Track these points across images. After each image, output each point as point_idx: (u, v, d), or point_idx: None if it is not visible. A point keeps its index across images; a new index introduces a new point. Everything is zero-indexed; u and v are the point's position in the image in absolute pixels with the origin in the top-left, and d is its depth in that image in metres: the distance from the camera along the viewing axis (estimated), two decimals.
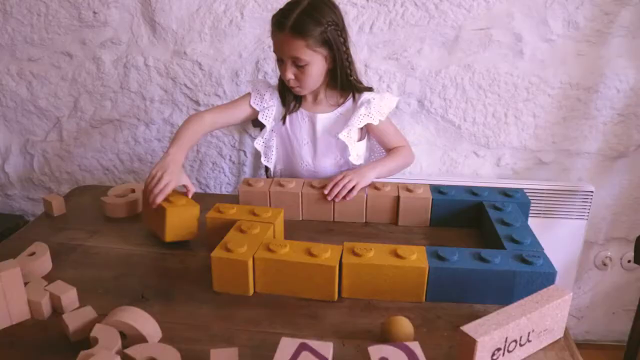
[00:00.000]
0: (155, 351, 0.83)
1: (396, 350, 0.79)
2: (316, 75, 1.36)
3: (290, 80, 1.35)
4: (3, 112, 2.04)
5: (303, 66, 1.32)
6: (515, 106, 1.83)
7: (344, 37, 1.35)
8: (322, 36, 1.30)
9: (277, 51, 1.35)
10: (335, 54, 1.34)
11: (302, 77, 1.34)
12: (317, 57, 1.33)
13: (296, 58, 1.31)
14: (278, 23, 1.30)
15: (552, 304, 0.88)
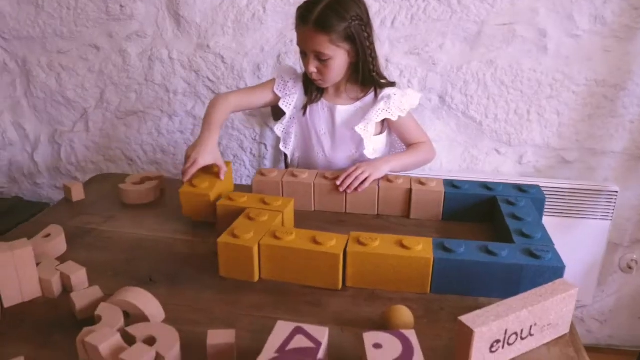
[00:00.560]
0: (155, 330, 0.85)
1: (391, 338, 0.78)
2: (338, 69, 1.36)
3: (312, 74, 1.36)
4: (34, 102, 2.10)
5: (326, 60, 1.33)
6: (539, 103, 1.80)
7: (368, 32, 1.34)
8: (346, 31, 1.30)
9: (300, 44, 1.36)
10: (358, 49, 1.34)
11: (324, 70, 1.35)
12: (340, 52, 1.33)
13: (319, 52, 1.31)
14: (302, 17, 1.31)
15: (557, 298, 0.86)
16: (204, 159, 1.27)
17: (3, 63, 2.06)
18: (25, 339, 0.90)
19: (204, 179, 1.28)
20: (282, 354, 0.75)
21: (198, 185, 1.26)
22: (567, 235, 1.84)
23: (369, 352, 0.75)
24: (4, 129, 2.14)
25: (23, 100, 2.11)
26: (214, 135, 1.31)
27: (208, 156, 1.28)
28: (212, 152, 1.29)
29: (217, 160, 1.30)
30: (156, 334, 0.84)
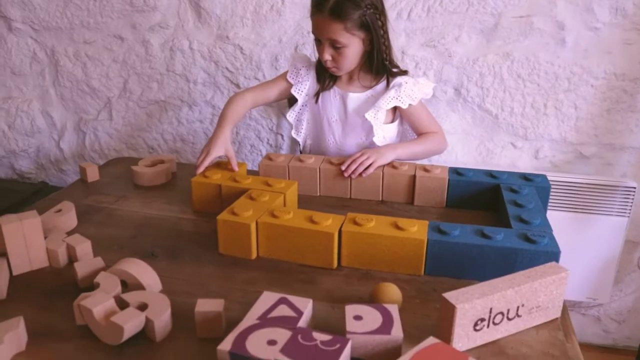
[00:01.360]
0: (148, 297, 0.88)
1: (372, 310, 0.79)
2: (353, 57, 1.37)
3: (327, 61, 1.38)
4: (61, 91, 2.17)
5: (340, 48, 1.34)
6: (556, 97, 1.77)
7: (382, 21, 1.36)
8: (361, 19, 1.31)
9: (315, 32, 1.38)
10: (372, 37, 1.35)
11: (338, 58, 1.36)
12: (355, 40, 1.34)
13: (334, 40, 1.33)
14: (317, 4, 1.33)
15: (545, 279, 0.86)
16: (216, 150, 1.32)
17: (33, 53, 2.14)
18: (28, 303, 0.94)
19: (216, 172, 1.30)
20: (263, 320, 0.77)
21: (210, 177, 1.28)
22: (583, 232, 1.81)
23: (349, 322, 0.77)
24: (32, 117, 2.22)
25: (51, 89, 2.18)
26: (226, 129, 1.36)
27: (220, 148, 1.33)
28: (223, 144, 1.34)
29: (228, 151, 1.35)
30: (149, 300, 0.87)
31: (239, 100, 1.45)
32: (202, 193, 1.26)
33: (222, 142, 1.34)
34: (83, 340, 0.85)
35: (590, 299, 1.90)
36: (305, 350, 0.70)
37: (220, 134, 1.35)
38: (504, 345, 0.85)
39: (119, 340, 0.81)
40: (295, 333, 0.73)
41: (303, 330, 0.74)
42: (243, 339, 0.72)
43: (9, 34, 2.12)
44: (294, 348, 0.70)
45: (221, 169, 1.33)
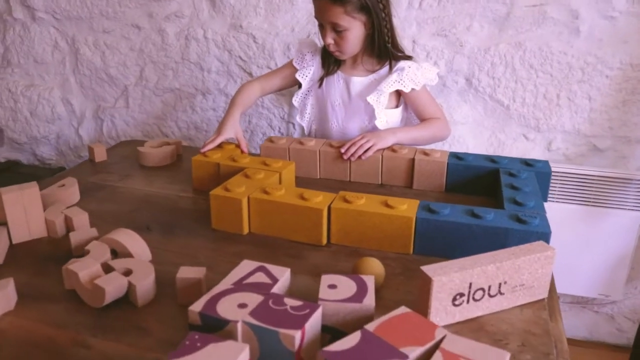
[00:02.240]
0: (134, 264, 0.90)
1: (348, 280, 0.79)
2: (355, 41, 1.38)
3: (330, 45, 1.39)
4: (80, 79, 2.23)
5: (342, 31, 1.35)
6: (569, 87, 1.74)
7: (383, 4, 1.36)
8: (361, 2, 1.31)
9: (317, 16, 1.39)
10: (374, 20, 1.35)
11: (341, 42, 1.37)
12: (356, 23, 1.35)
13: (335, 24, 1.34)
14: None
15: (530, 257, 0.85)
16: (226, 132, 1.36)
17: (55, 42, 2.20)
18: (22, 268, 0.97)
19: (217, 152, 1.33)
20: (237, 285, 0.78)
21: (210, 156, 1.30)
22: (596, 226, 1.77)
23: (322, 290, 0.77)
24: (53, 104, 2.28)
25: (71, 77, 2.24)
26: (236, 113, 1.40)
27: (229, 130, 1.37)
28: (233, 127, 1.38)
29: (238, 133, 1.38)
30: (134, 267, 0.89)
31: (248, 88, 1.49)
32: (202, 172, 1.28)
33: (231, 124, 1.38)
34: (69, 303, 0.87)
35: (602, 296, 1.86)
36: (274, 313, 0.70)
37: (230, 117, 1.39)
38: (485, 322, 0.84)
39: (102, 303, 0.83)
40: (267, 298, 0.74)
41: (275, 295, 0.74)
42: (215, 302, 0.73)
43: (32, 23, 2.19)
44: (263, 311, 0.71)
45: (224, 150, 1.35)
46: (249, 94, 1.48)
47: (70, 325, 0.82)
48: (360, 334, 0.67)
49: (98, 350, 0.77)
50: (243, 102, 1.45)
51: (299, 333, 0.67)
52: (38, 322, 0.83)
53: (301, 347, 0.68)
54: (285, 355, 0.68)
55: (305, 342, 0.69)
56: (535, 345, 0.80)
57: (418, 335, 0.67)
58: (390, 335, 0.67)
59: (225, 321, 0.69)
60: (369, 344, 0.65)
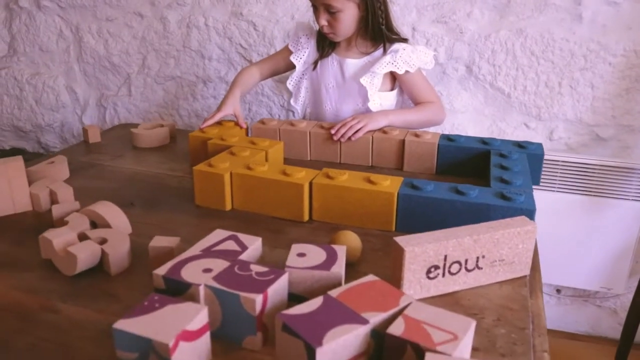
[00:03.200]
0: (110, 234, 0.89)
1: (318, 250, 0.78)
2: (349, 22, 1.37)
3: (323, 27, 1.38)
4: (84, 68, 2.25)
5: (335, 13, 1.34)
6: (571, 75, 1.71)
7: None
8: None
9: None
10: (367, 2, 1.34)
11: (334, 23, 1.36)
12: (349, 5, 1.33)
13: (328, 5, 1.33)
14: None
15: (509, 231, 0.83)
16: (225, 108, 1.39)
17: (59, 30, 2.22)
18: (3, 239, 0.97)
19: (215, 128, 1.35)
20: (205, 252, 0.77)
21: (207, 132, 1.31)
22: (598, 217, 1.73)
23: (290, 258, 0.76)
24: (57, 93, 2.30)
25: (75, 66, 2.26)
26: (236, 91, 1.43)
27: (229, 107, 1.40)
28: (232, 104, 1.40)
29: (237, 110, 1.41)
30: (110, 237, 0.89)
31: (247, 71, 1.52)
32: (199, 148, 1.28)
33: (231, 102, 1.40)
34: (44, 271, 0.87)
35: (604, 289, 1.82)
36: (238, 278, 0.69)
37: (229, 95, 1.42)
38: (461, 297, 0.82)
39: (74, 270, 0.83)
40: (233, 264, 0.73)
41: (242, 262, 0.73)
42: (180, 267, 0.72)
43: (37, 12, 2.21)
44: (227, 276, 0.70)
45: (222, 127, 1.36)
46: (248, 77, 1.50)
47: (41, 291, 0.82)
48: (322, 299, 0.66)
49: (65, 315, 0.76)
50: (243, 82, 1.47)
51: (260, 297, 0.66)
52: (11, 289, 0.83)
53: (263, 312, 0.67)
54: (247, 320, 0.67)
55: (269, 307, 0.68)
56: (511, 320, 0.77)
57: (382, 301, 0.66)
58: (354, 301, 0.66)
59: (187, 284, 0.68)
60: (329, 309, 0.64)
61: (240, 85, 1.46)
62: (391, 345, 0.61)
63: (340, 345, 0.59)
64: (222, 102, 1.42)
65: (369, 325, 0.62)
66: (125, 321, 0.61)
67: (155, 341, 0.58)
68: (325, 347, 0.57)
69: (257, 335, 0.67)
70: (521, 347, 0.72)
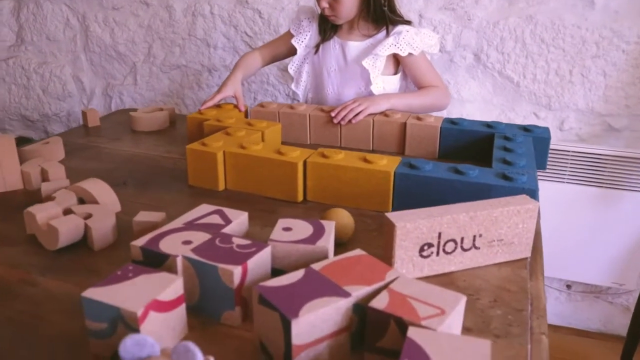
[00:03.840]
0: (95, 210, 0.87)
1: (305, 224, 0.75)
2: (350, 4, 1.33)
3: (325, 9, 1.35)
4: (90, 57, 2.24)
5: None
6: (582, 63, 1.66)
7: None
8: None
9: None
10: None
11: (336, 5, 1.33)
12: None
13: None
14: None
15: (508, 209, 0.79)
16: (225, 90, 1.37)
17: (66, 19, 2.21)
18: None
19: (214, 110, 1.33)
20: (187, 225, 0.74)
21: (205, 114, 1.29)
22: (610, 209, 1.68)
23: (275, 231, 0.73)
24: (64, 82, 2.29)
25: (82, 55, 2.25)
26: (237, 73, 1.41)
27: (230, 89, 1.38)
28: (233, 86, 1.39)
29: (237, 92, 1.38)
30: (94, 212, 0.86)
31: (249, 55, 1.50)
32: (195, 130, 1.27)
33: (232, 83, 1.39)
34: (28, 246, 0.85)
35: (616, 284, 1.76)
36: (217, 250, 0.66)
37: (230, 77, 1.41)
38: (457, 277, 0.79)
39: (56, 244, 0.81)
40: (215, 237, 0.70)
41: (224, 235, 0.70)
42: (159, 238, 0.69)
43: (45, 1, 2.21)
44: (206, 248, 0.67)
45: (222, 110, 1.34)
46: (250, 60, 1.48)
47: (23, 265, 0.80)
48: (304, 272, 0.62)
49: (43, 288, 0.74)
50: (244, 65, 1.46)
51: (239, 269, 0.63)
52: None
53: (242, 286, 0.64)
54: (225, 293, 0.64)
55: (249, 281, 0.65)
56: (508, 301, 0.74)
57: (368, 275, 0.62)
58: (337, 274, 0.62)
59: (165, 256, 0.65)
60: (310, 281, 0.60)
61: (242, 68, 1.44)
62: (373, 319, 0.57)
63: (319, 318, 0.56)
64: (222, 83, 1.40)
65: (350, 299, 0.58)
66: (95, 289, 0.58)
67: (124, 310, 0.55)
68: (301, 319, 0.54)
69: (235, 310, 0.64)
70: (517, 328, 0.68)
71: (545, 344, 0.68)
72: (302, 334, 0.55)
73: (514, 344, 0.65)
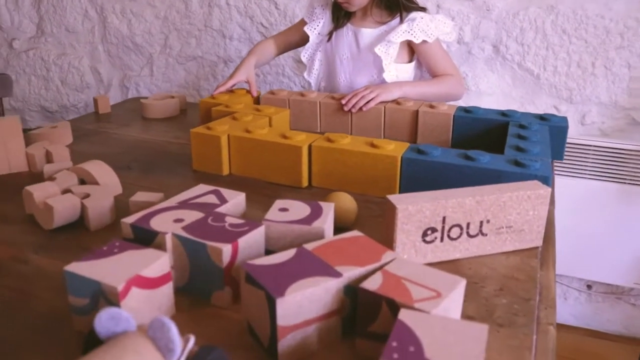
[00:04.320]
0: (94, 190, 0.86)
1: (303, 205, 0.72)
2: None
3: None
4: (108, 48, 2.24)
5: None
6: (606, 54, 1.60)
7: None
8: None
9: None
10: None
11: None
12: None
13: None
14: None
15: (517, 193, 0.75)
16: (238, 75, 1.36)
17: (85, 11, 2.22)
18: None
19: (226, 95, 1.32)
20: (181, 204, 0.72)
21: (217, 98, 1.28)
22: (632, 206, 1.62)
23: (271, 212, 0.70)
24: (82, 73, 2.30)
25: (100, 46, 2.26)
26: (250, 59, 1.41)
27: (242, 74, 1.37)
28: (245, 71, 1.38)
29: (250, 77, 1.38)
30: (93, 192, 0.85)
31: (263, 43, 1.50)
32: (206, 115, 1.25)
33: (245, 68, 1.38)
34: (25, 225, 0.84)
35: (639, 285, 1.70)
36: (209, 229, 0.64)
37: (244, 62, 1.40)
38: (462, 264, 0.75)
39: (52, 223, 0.79)
40: (208, 215, 0.67)
41: (217, 214, 0.68)
42: (151, 216, 0.67)
43: None
44: (198, 227, 0.64)
45: (234, 95, 1.33)
46: (264, 47, 1.47)
47: (17, 244, 0.79)
48: (295, 251, 0.60)
49: (34, 265, 0.73)
50: (258, 52, 1.45)
51: (229, 247, 0.60)
52: None
53: (232, 265, 0.61)
54: (214, 272, 0.61)
55: (240, 261, 0.62)
56: (515, 290, 0.70)
57: (362, 256, 0.59)
58: (330, 254, 0.59)
59: (154, 233, 0.63)
60: (300, 261, 0.58)
61: (255, 54, 1.43)
62: (365, 302, 0.54)
63: (307, 298, 0.53)
64: (236, 69, 1.39)
65: (341, 280, 0.55)
66: (78, 264, 0.56)
67: (104, 284, 0.53)
68: (287, 298, 0.51)
69: (225, 290, 0.62)
70: (523, 318, 0.64)
71: (552, 335, 0.64)
72: (288, 314, 0.52)
73: (518, 333, 0.61)
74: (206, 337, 0.58)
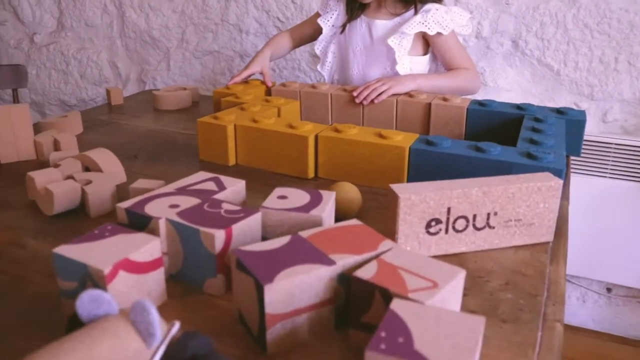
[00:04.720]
0: (96, 177, 0.85)
1: (302, 193, 0.70)
2: None
3: None
4: (126, 42, 2.25)
5: None
6: (630, 50, 1.55)
7: None
8: None
9: None
10: None
11: None
12: None
13: None
14: None
15: (527, 185, 0.72)
16: (253, 66, 1.37)
17: (104, 5, 2.24)
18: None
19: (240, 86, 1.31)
20: (178, 190, 0.70)
21: (231, 88, 1.27)
22: None
23: (269, 199, 0.68)
24: (100, 67, 2.32)
25: (118, 40, 2.27)
26: (265, 50, 1.41)
27: (257, 65, 1.37)
28: (260, 62, 1.38)
29: (264, 68, 1.38)
30: (95, 179, 0.84)
31: (278, 35, 1.50)
32: (218, 105, 1.24)
33: (259, 60, 1.38)
34: (27, 211, 0.84)
35: None
36: (204, 215, 0.62)
37: (259, 54, 1.41)
38: (468, 258, 0.72)
39: (52, 208, 0.79)
40: (204, 202, 0.66)
41: (214, 200, 0.66)
42: (147, 201, 0.66)
43: None
44: (193, 212, 0.63)
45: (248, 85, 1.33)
46: (279, 40, 1.48)
47: (17, 228, 0.78)
48: (289, 238, 0.58)
49: (31, 250, 0.72)
50: (274, 44, 1.45)
51: (222, 233, 0.59)
52: None
53: (225, 252, 0.60)
54: (207, 259, 0.60)
55: (233, 247, 0.61)
56: (522, 285, 0.67)
57: (358, 245, 0.57)
58: (326, 242, 0.57)
59: (147, 218, 0.62)
60: (294, 248, 0.56)
61: (270, 46, 1.43)
62: (358, 291, 0.52)
63: (297, 286, 0.51)
64: (251, 60, 1.39)
65: (335, 268, 0.53)
66: (67, 247, 0.55)
67: (91, 267, 0.52)
68: (276, 285, 0.50)
69: (217, 278, 0.60)
70: (528, 314, 0.61)
71: (559, 332, 0.61)
72: (277, 302, 0.50)
73: (523, 330, 0.59)
74: (196, 324, 0.56)
